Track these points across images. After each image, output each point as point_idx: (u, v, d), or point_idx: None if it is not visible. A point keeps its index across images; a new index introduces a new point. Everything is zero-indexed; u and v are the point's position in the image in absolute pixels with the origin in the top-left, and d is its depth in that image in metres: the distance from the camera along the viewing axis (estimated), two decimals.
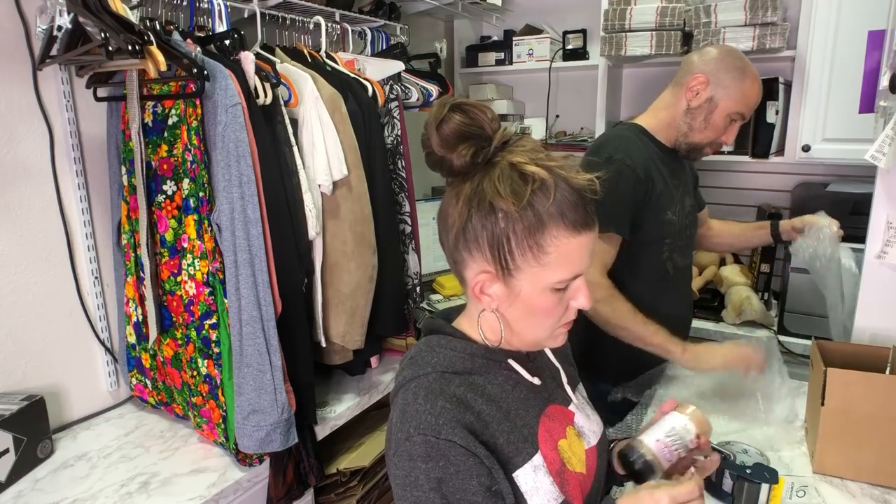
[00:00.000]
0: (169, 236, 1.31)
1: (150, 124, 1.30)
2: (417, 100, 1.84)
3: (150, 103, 1.29)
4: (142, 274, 1.35)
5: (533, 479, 0.73)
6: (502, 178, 0.69)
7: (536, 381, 0.81)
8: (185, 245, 1.28)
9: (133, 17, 1.13)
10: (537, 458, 0.75)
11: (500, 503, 0.70)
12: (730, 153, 2.08)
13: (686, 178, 1.54)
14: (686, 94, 1.40)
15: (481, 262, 0.73)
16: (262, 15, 1.52)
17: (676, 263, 1.53)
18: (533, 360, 0.83)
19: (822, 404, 1.09)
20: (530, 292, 0.72)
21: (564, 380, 0.87)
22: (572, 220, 0.69)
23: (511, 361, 0.80)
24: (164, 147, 1.28)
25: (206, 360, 1.30)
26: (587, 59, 2.38)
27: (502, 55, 2.56)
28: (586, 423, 0.86)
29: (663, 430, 0.84)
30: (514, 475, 0.72)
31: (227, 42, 1.27)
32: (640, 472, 0.83)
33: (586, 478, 0.81)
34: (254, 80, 1.24)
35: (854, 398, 1.07)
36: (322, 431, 1.43)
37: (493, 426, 0.73)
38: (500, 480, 0.71)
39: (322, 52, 1.61)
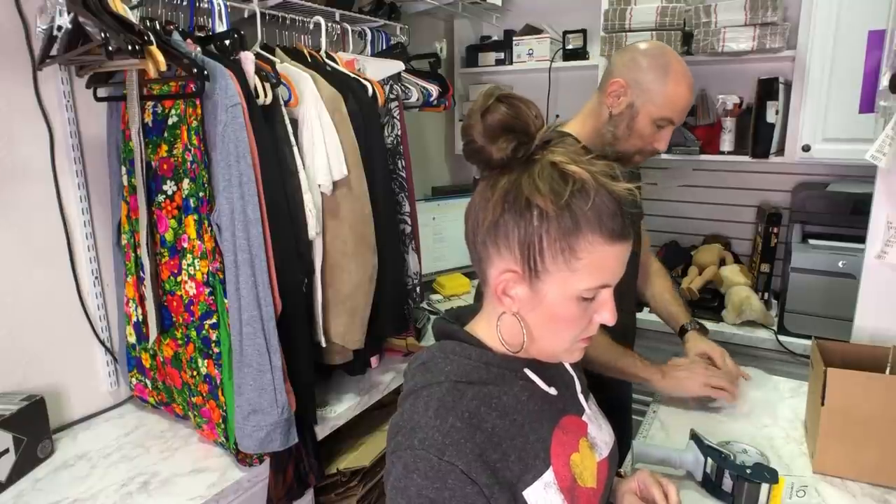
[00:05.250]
0: (169, 236, 1.31)
1: (150, 124, 1.30)
2: (417, 100, 1.84)
3: (150, 103, 1.29)
4: (142, 274, 1.35)
5: (544, 496, 0.71)
6: (542, 176, 0.67)
7: (553, 391, 0.78)
8: (185, 245, 1.28)
9: (133, 17, 1.13)
10: (548, 475, 0.72)
11: None
12: (730, 153, 2.08)
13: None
14: (607, 100, 1.28)
15: (508, 261, 0.70)
16: (262, 15, 1.52)
17: None
18: (548, 368, 0.80)
19: (822, 404, 1.09)
20: (555, 298, 0.69)
21: (578, 388, 0.85)
22: (609, 228, 0.66)
23: (527, 371, 0.77)
24: (164, 147, 1.28)
25: (206, 360, 1.30)
26: (587, 59, 2.38)
27: (502, 55, 2.55)
28: (598, 434, 0.84)
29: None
30: (524, 493, 0.69)
31: (227, 42, 1.27)
32: None
33: (596, 492, 0.78)
34: (254, 80, 1.24)
35: (854, 398, 1.07)
36: (322, 431, 1.43)
37: (506, 442, 0.70)
38: None
39: (322, 52, 1.61)
